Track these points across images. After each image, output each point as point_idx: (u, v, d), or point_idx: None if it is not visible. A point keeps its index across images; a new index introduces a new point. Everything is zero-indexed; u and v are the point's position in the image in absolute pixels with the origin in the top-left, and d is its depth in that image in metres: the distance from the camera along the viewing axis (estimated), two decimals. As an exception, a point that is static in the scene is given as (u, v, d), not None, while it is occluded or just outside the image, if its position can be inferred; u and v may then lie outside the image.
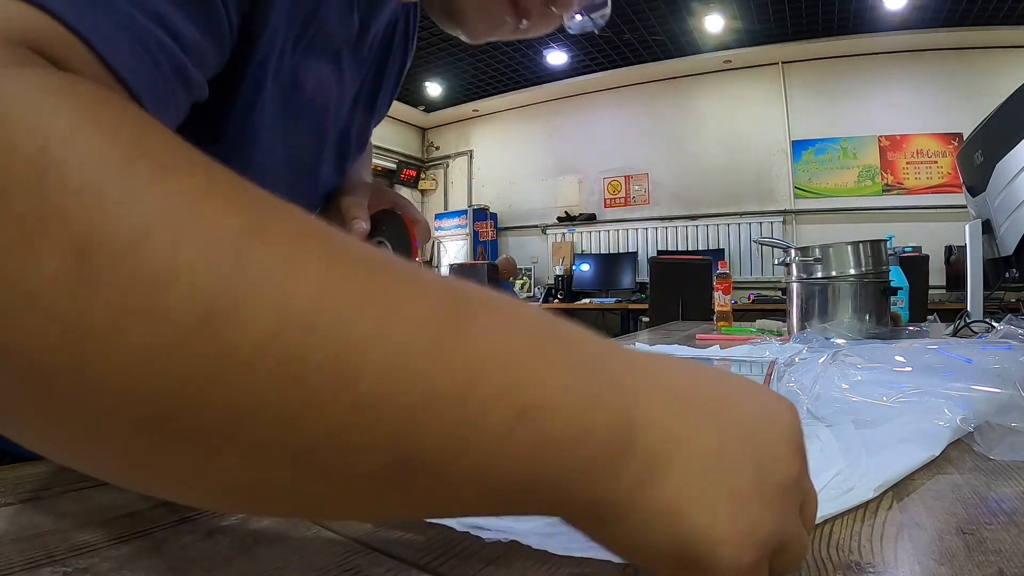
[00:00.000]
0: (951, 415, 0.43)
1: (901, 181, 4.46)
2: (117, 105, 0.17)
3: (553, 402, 0.18)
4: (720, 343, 1.13)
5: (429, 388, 0.16)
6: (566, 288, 5.17)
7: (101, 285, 0.14)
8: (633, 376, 0.20)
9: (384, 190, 0.57)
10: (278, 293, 0.15)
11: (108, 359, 0.14)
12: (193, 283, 0.14)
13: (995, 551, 0.26)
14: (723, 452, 0.21)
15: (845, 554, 0.26)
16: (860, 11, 4.02)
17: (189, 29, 0.27)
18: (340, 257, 0.17)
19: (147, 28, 0.24)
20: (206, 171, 0.17)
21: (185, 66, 0.27)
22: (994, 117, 1.07)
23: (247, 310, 0.15)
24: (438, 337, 0.17)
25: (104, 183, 0.15)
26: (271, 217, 0.16)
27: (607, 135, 5.41)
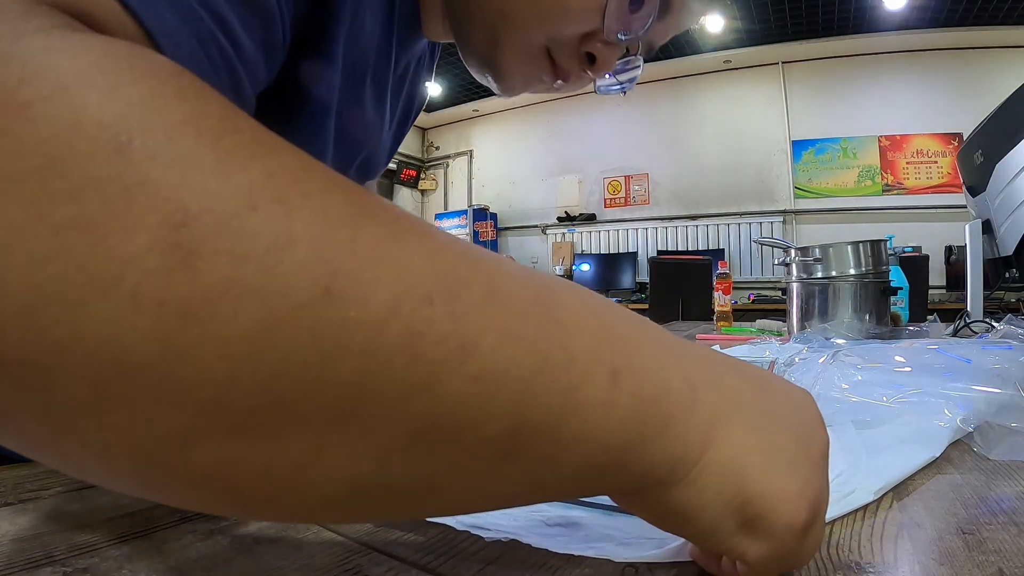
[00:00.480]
0: (951, 415, 0.43)
1: (901, 181, 4.46)
2: (198, 82, 0.16)
3: (636, 364, 0.19)
4: (720, 343, 1.13)
5: (539, 355, 0.17)
6: (566, 288, 5.17)
7: (204, 258, 0.12)
8: (685, 347, 0.22)
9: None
10: (395, 267, 0.15)
11: (213, 343, 0.12)
12: (310, 255, 0.13)
13: (995, 551, 0.26)
14: (773, 414, 0.22)
15: (845, 554, 0.26)
16: (860, 11, 4.02)
17: (247, 40, 0.26)
18: (434, 236, 0.17)
19: (210, 29, 0.23)
20: (297, 154, 0.16)
21: (240, 75, 0.26)
22: (994, 117, 1.07)
23: (367, 283, 0.14)
24: (537, 305, 0.18)
25: (198, 153, 0.13)
26: (367, 198, 0.16)
27: (607, 135, 5.41)
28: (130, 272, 0.12)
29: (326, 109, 0.37)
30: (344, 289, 0.14)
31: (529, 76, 0.42)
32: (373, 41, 0.39)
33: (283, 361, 0.13)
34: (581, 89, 0.45)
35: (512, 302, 0.17)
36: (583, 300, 0.20)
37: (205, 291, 0.12)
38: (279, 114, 0.35)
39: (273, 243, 0.13)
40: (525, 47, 0.39)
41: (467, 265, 0.17)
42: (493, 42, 0.39)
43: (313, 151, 0.38)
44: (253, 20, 0.26)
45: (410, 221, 0.17)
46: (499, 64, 0.40)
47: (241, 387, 0.13)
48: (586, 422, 0.17)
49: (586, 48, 0.40)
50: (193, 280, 0.12)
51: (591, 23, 0.38)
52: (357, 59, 0.38)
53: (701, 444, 0.20)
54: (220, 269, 0.12)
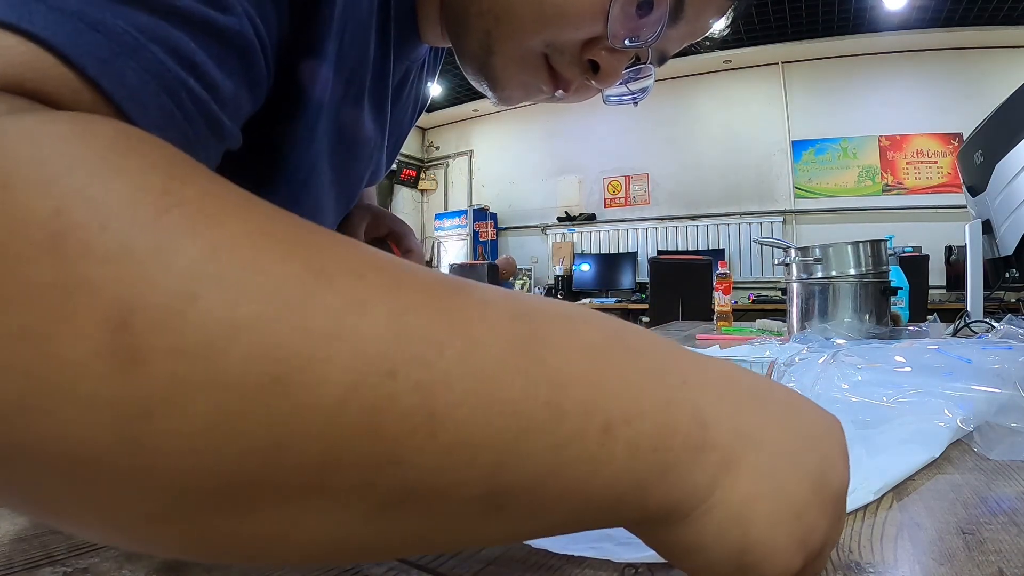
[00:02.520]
0: (951, 415, 0.43)
1: (901, 181, 4.46)
2: (144, 144, 0.15)
3: (634, 410, 0.18)
4: (720, 343, 1.13)
5: (518, 418, 0.16)
6: (566, 288, 5.17)
7: (150, 357, 0.12)
8: (701, 373, 0.21)
9: (383, 215, 0.56)
10: (352, 342, 0.14)
11: (169, 438, 0.13)
12: (256, 342, 0.13)
13: (995, 551, 0.26)
14: (791, 454, 0.21)
15: (845, 554, 0.26)
16: (860, 11, 4.02)
17: (224, 79, 0.24)
18: (405, 289, 0.16)
19: (179, 78, 0.22)
20: (251, 213, 0.15)
21: (218, 118, 0.25)
22: (994, 117, 1.07)
23: (320, 365, 0.13)
24: (518, 363, 0.17)
25: (135, 242, 0.13)
26: (329, 255, 0.15)
27: (607, 135, 5.41)
28: (81, 377, 0.12)
29: (310, 133, 0.36)
30: (294, 375, 0.13)
31: (527, 85, 0.39)
32: (370, 54, 0.38)
33: (241, 450, 0.13)
34: (586, 100, 0.42)
35: (491, 361, 0.16)
36: (577, 336, 0.19)
37: (153, 390, 0.12)
38: (269, 133, 0.34)
39: (216, 335, 0.13)
40: (521, 54, 0.37)
41: (441, 323, 0.16)
42: (488, 49, 0.37)
43: (303, 167, 0.37)
44: (229, 57, 0.24)
45: (379, 275, 0.16)
46: (494, 72, 0.38)
47: (204, 473, 0.13)
48: (574, 479, 0.17)
49: (589, 55, 0.37)
50: (141, 381, 0.12)
51: (593, 29, 0.36)
52: (354, 68, 0.37)
53: (706, 488, 0.19)
54: (165, 367, 0.12)
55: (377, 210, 0.56)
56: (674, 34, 0.39)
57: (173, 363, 0.13)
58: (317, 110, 0.35)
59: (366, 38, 0.37)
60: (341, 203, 0.47)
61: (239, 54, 0.25)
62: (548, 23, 0.35)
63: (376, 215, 0.55)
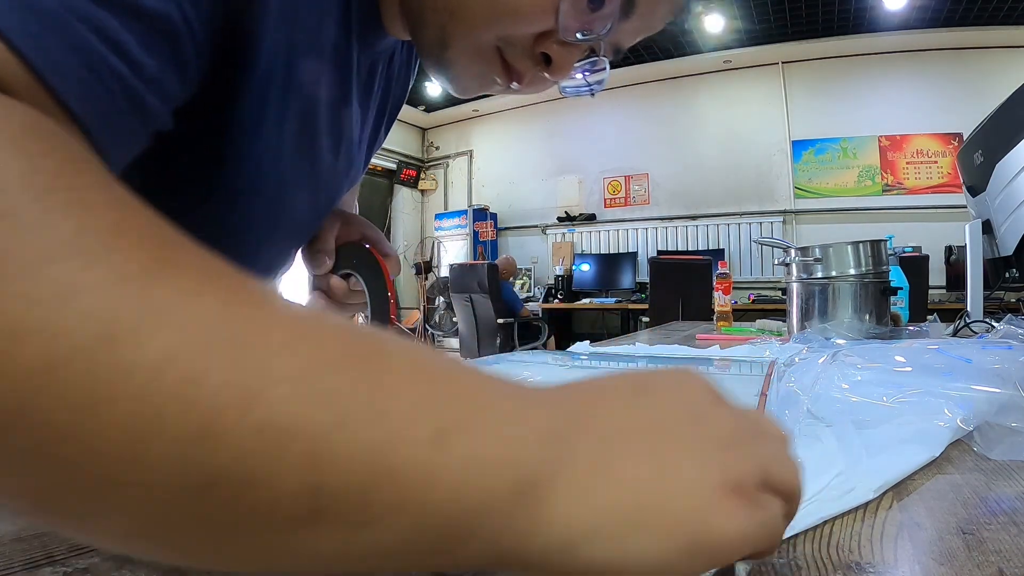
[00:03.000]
0: (951, 415, 0.43)
1: (901, 181, 4.46)
2: (45, 136, 0.18)
3: (474, 421, 0.17)
4: (720, 343, 1.13)
5: (337, 408, 0.16)
6: (566, 288, 5.17)
7: (3, 298, 0.14)
8: (546, 394, 0.20)
9: (354, 219, 0.55)
10: (181, 317, 0.15)
11: (2, 378, 0.14)
12: (94, 303, 0.15)
13: (995, 551, 0.26)
14: (664, 451, 0.20)
15: (845, 554, 0.26)
16: (860, 11, 4.03)
17: (148, 59, 0.25)
18: (247, 293, 0.17)
19: (101, 55, 0.23)
20: (122, 213, 0.17)
21: (140, 95, 0.25)
22: (994, 117, 1.07)
23: (146, 330, 0.15)
24: (348, 357, 0.17)
25: (20, 208, 0.15)
26: (181, 255, 0.17)
27: (607, 135, 5.41)
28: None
29: (257, 120, 0.36)
30: (123, 335, 0.15)
31: (482, 77, 0.40)
32: (326, 42, 0.38)
33: (63, 399, 0.14)
34: (544, 90, 0.43)
35: (315, 352, 0.17)
36: (417, 356, 0.19)
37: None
38: (213, 119, 0.35)
39: (63, 290, 0.15)
40: (475, 48, 0.38)
41: (269, 317, 0.17)
42: (443, 43, 0.38)
43: (254, 154, 0.37)
44: (154, 38, 0.25)
45: (217, 275, 0.17)
46: (449, 65, 0.39)
47: (27, 419, 0.14)
48: (402, 487, 0.16)
49: (541, 48, 0.38)
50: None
51: (545, 23, 0.37)
52: (308, 55, 0.37)
53: (581, 511, 0.18)
54: (14, 309, 0.14)
55: (348, 215, 0.55)
56: (627, 27, 0.40)
57: (21, 306, 0.14)
58: (262, 95, 0.35)
59: (320, 25, 0.37)
60: (316, 201, 0.47)
61: (165, 37, 0.26)
62: (500, 18, 0.36)
63: (347, 220, 0.54)
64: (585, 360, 0.94)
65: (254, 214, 0.42)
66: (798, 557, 0.26)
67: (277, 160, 0.40)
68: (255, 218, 0.42)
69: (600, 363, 0.92)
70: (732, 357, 0.92)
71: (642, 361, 0.92)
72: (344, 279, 0.52)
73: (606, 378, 0.23)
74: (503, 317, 3.95)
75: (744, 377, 0.76)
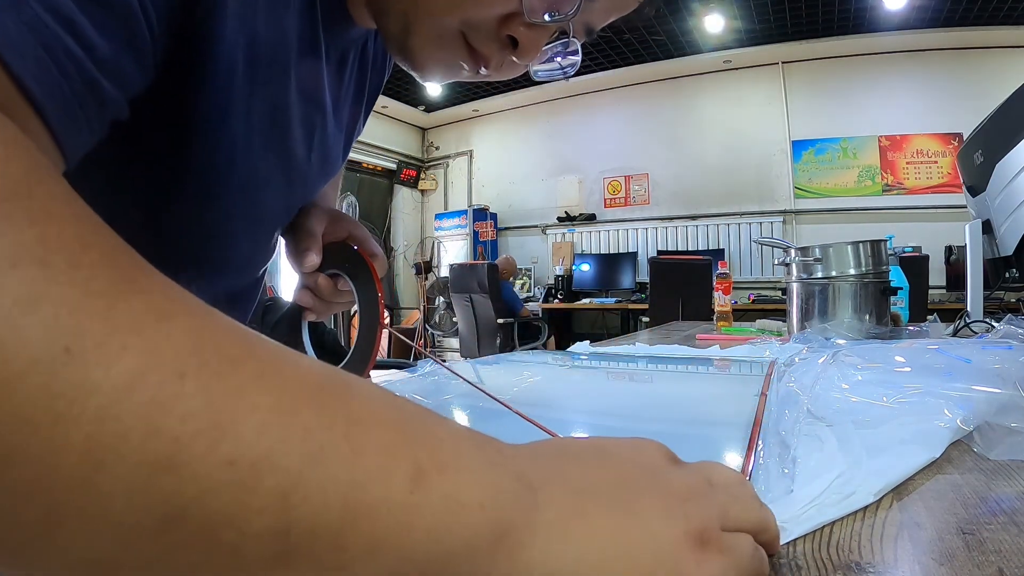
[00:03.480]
0: (951, 415, 0.43)
1: (901, 181, 4.46)
2: (9, 141, 0.17)
3: (451, 462, 0.17)
4: (720, 343, 1.13)
5: (313, 443, 0.15)
6: (566, 288, 5.17)
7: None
8: (513, 448, 0.21)
9: (341, 218, 0.55)
10: (149, 339, 0.15)
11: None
12: (55, 315, 0.14)
13: (995, 551, 0.26)
14: (623, 500, 0.21)
15: (845, 554, 0.26)
16: (860, 11, 4.02)
17: (102, 41, 0.25)
18: (214, 320, 0.17)
19: (56, 34, 0.22)
20: (87, 227, 0.16)
21: (94, 76, 0.24)
22: (994, 117, 1.07)
23: (112, 349, 0.14)
24: (321, 393, 0.17)
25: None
26: (146, 278, 0.16)
27: (607, 135, 5.41)
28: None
29: (222, 111, 0.36)
30: (85, 351, 0.14)
31: (447, 63, 0.39)
32: (291, 33, 0.38)
33: (14, 415, 0.13)
34: (515, 75, 0.42)
35: (289, 386, 0.16)
36: (387, 396, 0.18)
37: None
38: (176, 113, 0.34)
39: (22, 298, 0.13)
40: (439, 33, 0.37)
41: (241, 348, 0.16)
42: (406, 30, 0.37)
43: (222, 148, 0.37)
44: (109, 21, 0.25)
45: (187, 303, 0.16)
46: (414, 52, 0.38)
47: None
48: (379, 528, 0.15)
49: (507, 31, 0.37)
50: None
51: (509, 4, 0.36)
52: (272, 45, 0.37)
53: (557, 552, 0.18)
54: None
55: (336, 213, 0.55)
56: (597, 7, 0.39)
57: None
58: (226, 88, 0.35)
59: (283, 16, 0.37)
60: (290, 191, 0.47)
61: (120, 19, 0.25)
62: (462, 1, 0.36)
63: (335, 218, 0.54)
64: (585, 360, 0.94)
65: (230, 209, 0.42)
66: (798, 557, 0.26)
67: (248, 154, 0.39)
68: (231, 213, 0.42)
69: (600, 363, 0.92)
70: (732, 357, 0.92)
71: (642, 361, 0.92)
72: (331, 278, 0.52)
73: (568, 441, 0.25)
74: (503, 317, 3.95)
75: (744, 377, 0.76)
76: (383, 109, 5.64)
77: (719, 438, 0.47)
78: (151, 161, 0.36)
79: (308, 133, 0.45)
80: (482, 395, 0.51)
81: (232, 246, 0.45)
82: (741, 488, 0.25)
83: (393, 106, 5.63)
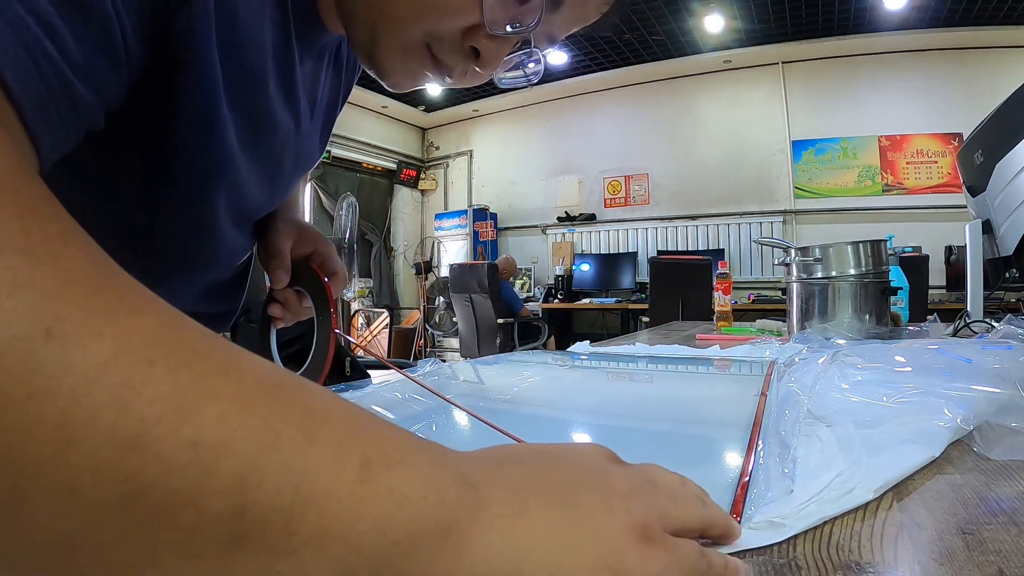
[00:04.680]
0: (951, 415, 0.43)
1: (901, 181, 4.46)
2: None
3: (397, 457, 0.18)
4: (720, 343, 1.13)
5: (269, 432, 0.16)
6: (566, 288, 5.17)
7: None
8: (456, 453, 0.22)
9: (308, 233, 0.58)
10: (124, 327, 0.16)
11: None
12: (39, 298, 0.15)
13: (995, 551, 0.26)
14: (561, 498, 0.22)
15: (845, 554, 0.26)
16: (860, 11, 4.02)
17: (77, 46, 0.25)
18: (182, 319, 0.18)
19: (36, 36, 0.22)
20: (67, 224, 0.17)
21: (69, 78, 0.25)
22: (994, 117, 1.07)
23: (90, 333, 0.15)
24: (279, 389, 0.18)
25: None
26: (122, 277, 0.17)
27: (607, 135, 5.41)
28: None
29: (208, 117, 0.37)
30: (65, 333, 0.15)
31: (413, 72, 0.41)
32: (266, 41, 0.39)
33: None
34: (481, 82, 0.43)
35: (249, 380, 0.17)
36: (339, 399, 0.20)
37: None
38: (162, 121, 0.35)
39: (7, 282, 0.14)
40: (404, 44, 0.38)
41: (208, 343, 0.17)
42: (373, 40, 0.39)
43: (208, 152, 0.39)
44: (83, 27, 0.25)
45: (157, 302, 0.18)
46: (381, 61, 0.40)
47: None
48: (328, 515, 0.16)
49: (470, 43, 0.39)
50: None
51: (471, 17, 0.37)
52: (250, 55, 0.38)
53: (500, 550, 0.19)
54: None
55: (304, 227, 0.58)
56: (559, 18, 0.40)
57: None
58: (205, 94, 0.36)
59: (259, 26, 0.38)
60: (269, 188, 0.49)
61: (95, 24, 0.26)
62: (425, 14, 0.37)
63: (301, 233, 0.57)
64: (585, 360, 0.94)
65: (217, 207, 0.44)
66: (798, 557, 0.26)
67: (232, 156, 0.41)
68: (218, 211, 0.44)
69: (600, 363, 0.92)
70: (732, 357, 0.92)
71: (642, 361, 0.92)
72: (296, 293, 0.57)
73: (513, 446, 0.25)
74: (503, 317, 3.95)
75: (744, 377, 0.76)
76: (383, 109, 5.65)
77: (719, 438, 0.47)
78: (143, 166, 0.38)
79: (285, 135, 0.47)
80: (478, 395, 0.50)
81: (219, 240, 0.47)
82: (683, 488, 0.26)
83: (393, 106, 5.63)
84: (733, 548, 0.27)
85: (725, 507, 0.30)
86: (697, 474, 0.26)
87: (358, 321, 5.17)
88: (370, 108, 5.52)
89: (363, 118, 5.56)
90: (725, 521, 0.27)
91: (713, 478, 0.37)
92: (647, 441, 0.47)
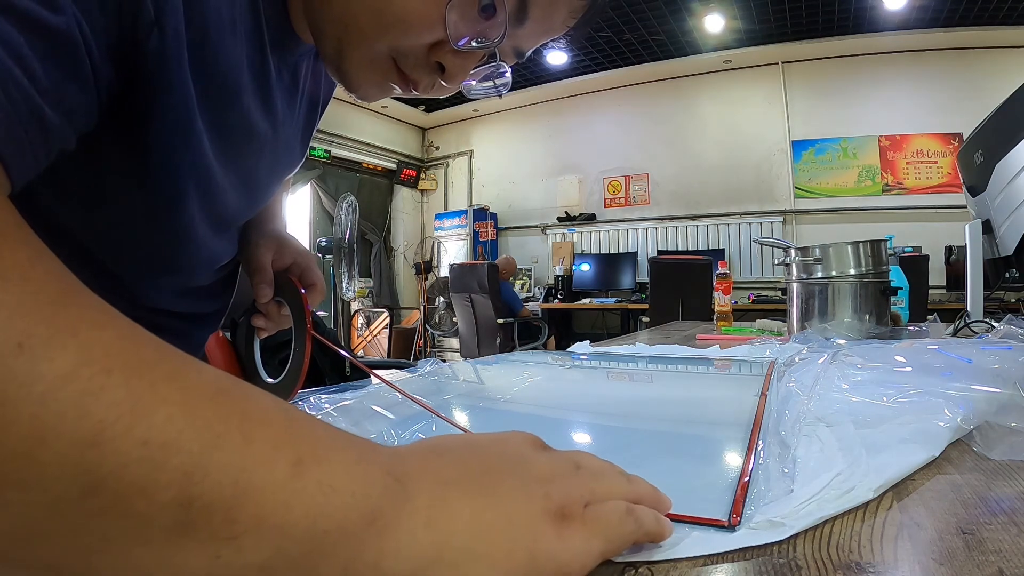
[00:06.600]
0: (951, 415, 0.43)
1: (901, 181, 4.46)
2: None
3: (326, 455, 0.20)
4: (720, 343, 1.13)
5: (211, 433, 0.18)
6: (566, 288, 5.17)
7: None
8: (388, 449, 0.24)
9: (288, 245, 0.59)
10: (86, 341, 0.18)
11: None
12: (10, 317, 0.17)
13: (995, 551, 0.26)
14: (484, 486, 0.24)
15: (845, 554, 0.26)
16: (860, 11, 4.02)
17: (43, 71, 0.25)
18: (136, 331, 0.20)
19: (7, 65, 0.23)
20: (36, 249, 0.19)
21: (37, 103, 0.25)
22: (994, 117, 1.07)
23: (56, 347, 0.17)
24: (222, 395, 0.20)
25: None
26: (84, 296, 0.19)
27: (607, 135, 5.41)
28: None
29: (182, 133, 0.37)
30: (34, 347, 0.17)
31: (380, 84, 0.41)
32: (240, 56, 0.39)
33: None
34: (449, 94, 0.44)
35: (194, 387, 0.19)
36: (278, 403, 0.21)
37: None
38: (139, 138, 0.36)
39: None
40: (370, 58, 0.39)
41: (159, 355, 0.19)
42: (340, 53, 0.39)
43: (184, 166, 0.39)
44: (51, 52, 0.26)
45: (115, 318, 0.20)
46: (348, 73, 0.40)
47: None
48: (264, 506, 0.18)
49: (436, 57, 0.39)
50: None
51: (435, 33, 0.37)
52: (224, 71, 0.38)
53: (423, 540, 0.21)
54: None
55: (284, 239, 0.59)
56: (525, 33, 0.40)
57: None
58: (182, 112, 0.36)
59: (231, 42, 0.38)
60: (246, 194, 0.50)
61: (64, 51, 0.27)
62: (389, 30, 0.37)
63: (281, 246, 0.58)
64: (585, 360, 0.94)
65: (195, 217, 0.44)
66: (798, 557, 0.26)
67: (209, 169, 0.42)
68: (197, 221, 0.45)
69: (600, 363, 0.92)
70: (732, 357, 0.92)
71: (642, 361, 0.92)
72: (277, 303, 0.59)
73: (441, 438, 0.27)
74: (503, 317, 3.95)
75: (744, 377, 0.76)
76: (383, 109, 5.65)
77: (719, 438, 0.47)
78: (119, 177, 0.38)
79: (262, 142, 0.47)
80: (478, 395, 0.50)
81: (198, 245, 0.48)
82: (608, 467, 0.28)
83: (393, 106, 5.63)
84: (732, 547, 0.27)
85: (725, 507, 0.30)
86: (697, 474, 0.26)
87: (358, 321, 5.17)
88: (370, 108, 5.51)
89: (363, 118, 5.56)
90: (653, 494, 0.28)
91: (713, 478, 0.37)
92: (647, 441, 0.47)
